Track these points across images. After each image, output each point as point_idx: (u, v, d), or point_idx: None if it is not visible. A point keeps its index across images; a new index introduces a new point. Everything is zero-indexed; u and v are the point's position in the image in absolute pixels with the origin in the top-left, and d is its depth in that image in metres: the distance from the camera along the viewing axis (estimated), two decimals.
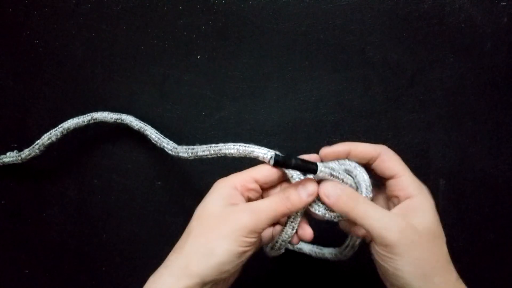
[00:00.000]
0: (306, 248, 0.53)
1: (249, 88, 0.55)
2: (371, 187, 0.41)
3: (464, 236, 0.56)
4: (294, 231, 0.42)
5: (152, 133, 0.53)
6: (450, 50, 0.53)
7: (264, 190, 0.43)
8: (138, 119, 0.54)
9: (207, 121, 0.56)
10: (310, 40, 0.54)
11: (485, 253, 0.57)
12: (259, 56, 0.54)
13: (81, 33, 0.55)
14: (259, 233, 0.38)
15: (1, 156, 0.57)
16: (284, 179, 0.42)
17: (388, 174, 0.40)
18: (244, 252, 0.37)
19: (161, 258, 0.59)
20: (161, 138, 0.52)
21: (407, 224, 0.37)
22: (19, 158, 0.55)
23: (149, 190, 0.58)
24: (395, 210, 0.39)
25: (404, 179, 0.39)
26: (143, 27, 0.54)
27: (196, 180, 0.57)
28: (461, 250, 0.56)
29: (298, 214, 0.42)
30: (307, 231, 0.42)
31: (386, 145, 0.54)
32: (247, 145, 0.42)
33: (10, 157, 0.56)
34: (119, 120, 0.54)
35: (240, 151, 0.42)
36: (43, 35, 0.55)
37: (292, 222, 0.42)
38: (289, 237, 0.43)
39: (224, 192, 0.40)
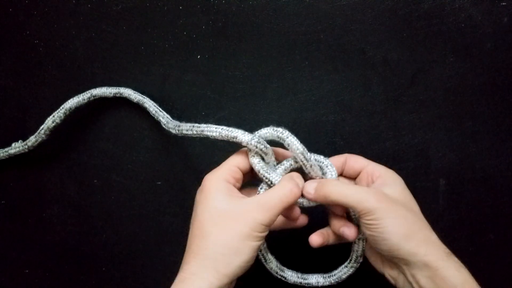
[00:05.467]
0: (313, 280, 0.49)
1: (249, 88, 0.55)
2: (333, 167, 0.45)
3: (464, 236, 0.56)
4: (265, 244, 0.46)
5: (151, 106, 0.53)
6: (450, 50, 0.53)
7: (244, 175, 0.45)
8: (136, 92, 0.54)
9: (207, 121, 0.56)
10: (310, 40, 0.54)
11: (485, 253, 0.57)
12: (259, 56, 0.54)
13: (81, 33, 0.55)
14: (270, 225, 0.41)
15: (7, 149, 0.56)
16: None
17: (357, 168, 0.46)
18: (259, 245, 0.41)
19: (161, 258, 0.59)
20: (158, 111, 0.52)
21: (380, 192, 0.42)
22: (26, 147, 0.55)
23: (149, 190, 0.58)
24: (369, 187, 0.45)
25: (369, 167, 0.45)
26: (143, 27, 0.54)
27: (196, 180, 0.57)
28: (461, 250, 0.56)
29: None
30: (297, 212, 0.45)
31: (386, 145, 0.55)
32: (230, 128, 0.42)
33: (16, 147, 0.55)
34: (118, 94, 0.54)
35: (223, 135, 0.42)
36: (43, 35, 0.55)
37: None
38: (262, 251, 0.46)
39: (221, 187, 0.41)
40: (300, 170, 0.45)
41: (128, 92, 0.54)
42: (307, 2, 0.53)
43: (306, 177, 0.45)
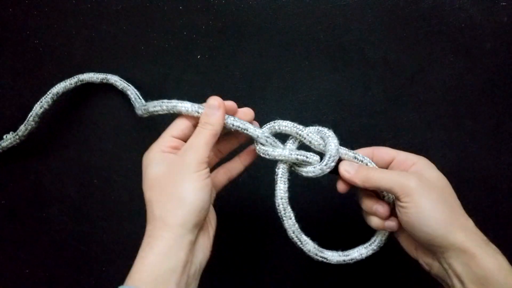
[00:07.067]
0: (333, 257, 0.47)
1: (249, 87, 0.55)
2: (335, 156, 0.44)
3: None
4: (287, 185, 0.45)
5: (132, 93, 0.53)
6: (450, 50, 0.53)
7: None
8: (122, 79, 0.54)
9: None
10: (310, 40, 0.54)
11: None
12: (259, 55, 0.54)
13: (81, 33, 0.55)
14: (206, 162, 0.41)
15: None
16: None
17: (387, 159, 0.46)
18: (206, 185, 0.40)
19: None
20: (137, 98, 0.53)
21: (419, 175, 0.42)
22: (17, 137, 0.55)
23: None
24: None
25: (401, 156, 0.45)
26: (143, 27, 0.54)
27: None
28: None
29: (285, 168, 0.45)
30: None
31: (386, 145, 0.55)
32: (170, 100, 0.43)
33: (8, 139, 0.55)
34: (105, 80, 0.54)
35: (164, 108, 0.44)
36: (43, 35, 0.55)
37: (281, 177, 0.45)
38: (285, 192, 0.45)
39: (157, 158, 0.42)
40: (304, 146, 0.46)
41: (114, 79, 0.54)
42: (307, 2, 0.53)
43: (311, 150, 0.45)
